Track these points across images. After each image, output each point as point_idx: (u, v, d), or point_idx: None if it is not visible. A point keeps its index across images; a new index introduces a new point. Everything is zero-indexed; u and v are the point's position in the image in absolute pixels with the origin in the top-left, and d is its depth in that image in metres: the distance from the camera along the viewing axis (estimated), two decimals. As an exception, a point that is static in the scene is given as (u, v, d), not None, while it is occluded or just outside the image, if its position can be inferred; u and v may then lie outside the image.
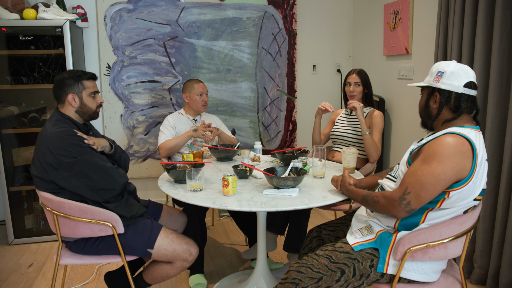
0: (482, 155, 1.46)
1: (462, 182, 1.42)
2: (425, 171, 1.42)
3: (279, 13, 3.78)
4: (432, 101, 1.57)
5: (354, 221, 1.72)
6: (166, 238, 1.89)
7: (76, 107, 1.92)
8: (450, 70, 1.50)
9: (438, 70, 1.53)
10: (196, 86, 2.85)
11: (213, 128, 2.73)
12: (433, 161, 1.41)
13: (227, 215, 3.68)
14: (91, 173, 1.77)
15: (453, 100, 1.51)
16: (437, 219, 1.51)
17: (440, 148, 1.42)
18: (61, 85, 1.89)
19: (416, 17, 3.04)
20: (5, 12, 2.89)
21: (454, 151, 1.40)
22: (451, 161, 1.40)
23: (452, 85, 1.50)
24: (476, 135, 1.48)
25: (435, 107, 1.56)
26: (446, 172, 1.40)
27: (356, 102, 2.53)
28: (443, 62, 1.55)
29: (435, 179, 1.41)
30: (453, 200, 1.46)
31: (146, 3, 3.47)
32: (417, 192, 1.44)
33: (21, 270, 2.70)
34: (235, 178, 1.84)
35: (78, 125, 1.92)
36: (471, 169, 1.42)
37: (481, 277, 2.39)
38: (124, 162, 2.09)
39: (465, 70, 1.51)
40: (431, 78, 1.55)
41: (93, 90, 1.94)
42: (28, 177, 3.19)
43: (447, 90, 1.51)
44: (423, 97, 1.62)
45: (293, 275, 1.51)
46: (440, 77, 1.52)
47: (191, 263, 1.93)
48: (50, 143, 1.77)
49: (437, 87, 1.53)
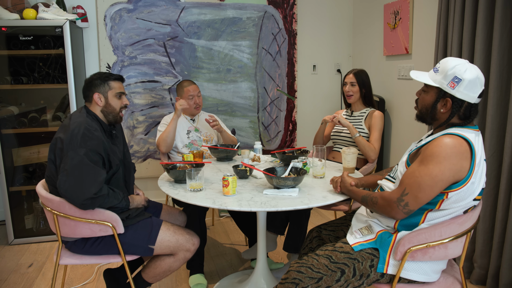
0: (480, 155, 1.45)
1: (460, 183, 1.42)
2: (423, 172, 1.42)
3: (279, 13, 3.78)
4: (441, 104, 1.49)
5: (354, 221, 1.72)
6: (167, 230, 1.90)
7: (102, 106, 1.96)
8: (468, 79, 1.43)
9: (455, 75, 1.44)
10: (186, 89, 2.81)
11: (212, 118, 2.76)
12: (431, 162, 1.41)
13: (227, 215, 3.68)
14: (76, 173, 1.74)
15: (464, 109, 1.47)
16: (437, 219, 1.51)
17: (437, 149, 1.41)
18: (89, 85, 1.96)
19: (416, 17, 3.04)
20: (5, 12, 2.89)
21: (451, 152, 1.40)
22: (449, 162, 1.39)
23: (468, 95, 1.44)
24: (475, 135, 1.47)
25: (443, 112, 1.50)
26: (443, 173, 1.39)
27: (338, 116, 2.60)
28: (459, 65, 1.45)
29: (432, 180, 1.40)
30: (452, 201, 1.46)
31: (146, 3, 3.47)
32: (414, 193, 1.44)
33: (21, 270, 2.70)
34: (235, 178, 1.84)
35: (102, 123, 1.95)
36: (470, 170, 1.41)
37: (481, 277, 2.39)
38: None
39: (480, 79, 1.45)
40: (446, 81, 1.46)
41: (119, 90, 1.99)
42: (28, 177, 3.19)
43: (461, 100, 1.46)
44: (429, 96, 1.52)
45: (293, 275, 1.51)
46: (456, 84, 1.44)
47: (193, 253, 1.95)
48: (74, 131, 1.79)
49: (451, 94, 1.46)
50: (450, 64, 1.46)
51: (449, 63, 1.47)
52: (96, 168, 1.77)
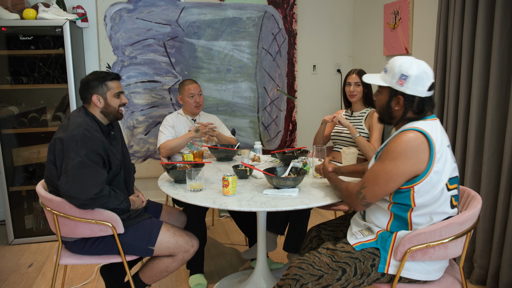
0: (440, 143, 1.49)
1: (422, 174, 1.46)
2: (379, 168, 1.51)
3: (279, 13, 3.78)
4: (394, 102, 1.56)
5: (353, 224, 1.72)
6: (167, 232, 1.90)
7: (101, 108, 1.94)
8: (415, 75, 1.49)
9: (401, 73, 1.51)
10: (187, 87, 2.82)
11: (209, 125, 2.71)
12: (386, 158, 1.49)
13: (227, 215, 3.68)
14: (78, 175, 1.74)
15: (416, 103, 1.53)
16: (423, 216, 1.52)
17: (392, 146, 1.49)
18: (87, 87, 1.93)
19: (416, 17, 3.04)
20: (5, 12, 2.89)
21: (405, 147, 1.45)
22: (403, 157, 1.45)
23: (417, 90, 1.51)
24: (432, 125, 1.52)
25: (397, 109, 1.56)
26: (398, 168, 1.46)
27: (338, 116, 2.61)
28: (404, 62, 1.52)
29: (387, 174, 1.48)
30: (421, 193, 1.48)
31: (146, 3, 3.47)
32: (371, 187, 1.52)
33: (21, 270, 2.70)
34: (235, 178, 1.84)
35: (100, 124, 1.94)
36: (430, 161, 1.45)
37: (481, 277, 2.39)
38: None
39: (427, 73, 1.51)
40: (394, 80, 1.53)
41: (118, 90, 1.97)
42: (28, 177, 3.19)
43: (411, 95, 1.52)
44: (383, 96, 1.59)
45: (294, 271, 1.52)
46: (404, 81, 1.50)
47: (192, 255, 1.95)
48: (74, 135, 1.77)
49: (401, 91, 1.52)
50: (397, 63, 1.53)
51: (395, 62, 1.54)
52: (97, 168, 1.77)
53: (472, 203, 1.63)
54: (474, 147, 2.36)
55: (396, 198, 1.53)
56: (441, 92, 2.63)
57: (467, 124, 2.44)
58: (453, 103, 2.50)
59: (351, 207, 1.63)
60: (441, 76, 2.61)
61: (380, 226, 1.60)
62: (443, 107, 2.63)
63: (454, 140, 2.53)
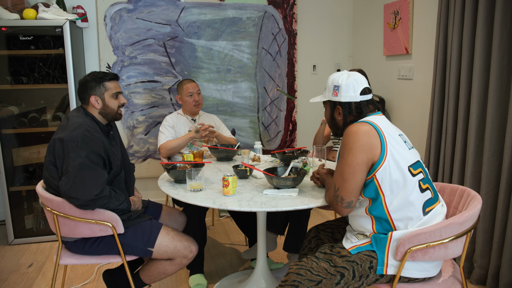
0: (389, 130, 1.57)
1: (379, 161, 1.51)
2: (342, 164, 1.57)
3: (279, 13, 3.78)
4: (336, 113, 1.69)
5: (347, 230, 1.73)
6: (166, 235, 1.89)
7: (99, 108, 1.94)
8: (344, 83, 1.63)
9: (334, 85, 1.66)
10: (185, 87, 2.83)
11: (209, 126, 2.71)
12: (344, 153, 1.56)
13: (227, 215, 3.68)
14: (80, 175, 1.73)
15: (354, 108, 1.65)
16: (400, 211, 1.52)
17: (345, 140, 1.56)
18: (85, 88, 1.92)
19: (416, 17, 3.04)
20: (5, 12, 2.89)
21: (357, 136, 1.52)
22: (358, 145, 1.52)
23: (349, 96, 1.64)
24: (376, 118, 1.61)
25: (340, 119, 1.69)
26: (357, 157, 1.51)
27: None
28: (336, 75, 1.67)
29: (350, 167, 1.53)
30: (385, 180, 1.51)
31: (146, 3, 3.47)
32: (342, 185, 1.56)
33: (21, 270, 2.70)
34: (235, 178, 1.84)
35: (99, 124, 1.94)
36: (382, 146, 1.51)
37: (481, 277, 2.39)
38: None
39: (357, 80, 1.64)
40: (330, 93, 1.68)
41: (116, 91, 1.96)
42: (28, 177, 3.19)
43: (347, 102, 1.65)
44: (327, 111, 1.74)
45: (293, 277, 1.52)
46: (337, 91, 1.65)
47: (191, 260, 1.94)
48: (75, 137, 1.76)
49: (337, 101, 1.66)
50: (331, 78, 1.70)
51: (330, 78, 1.70)
52: (97, 169, 1.77)
53: (472, 203, 1.63)
54: (474, 147, 2.36)
55: (366, 193, 1.55)
56: (441, 92, 2.63)
57: (467, 124, 2.44)
58: (453, 103, 2.50)
59: (337, 213, 1.66)
60: (441, 76, 2.61)
61: (367, 231, 1.61)
62: (443, 107, 2.63)
63: (454, 140, 2.53)
